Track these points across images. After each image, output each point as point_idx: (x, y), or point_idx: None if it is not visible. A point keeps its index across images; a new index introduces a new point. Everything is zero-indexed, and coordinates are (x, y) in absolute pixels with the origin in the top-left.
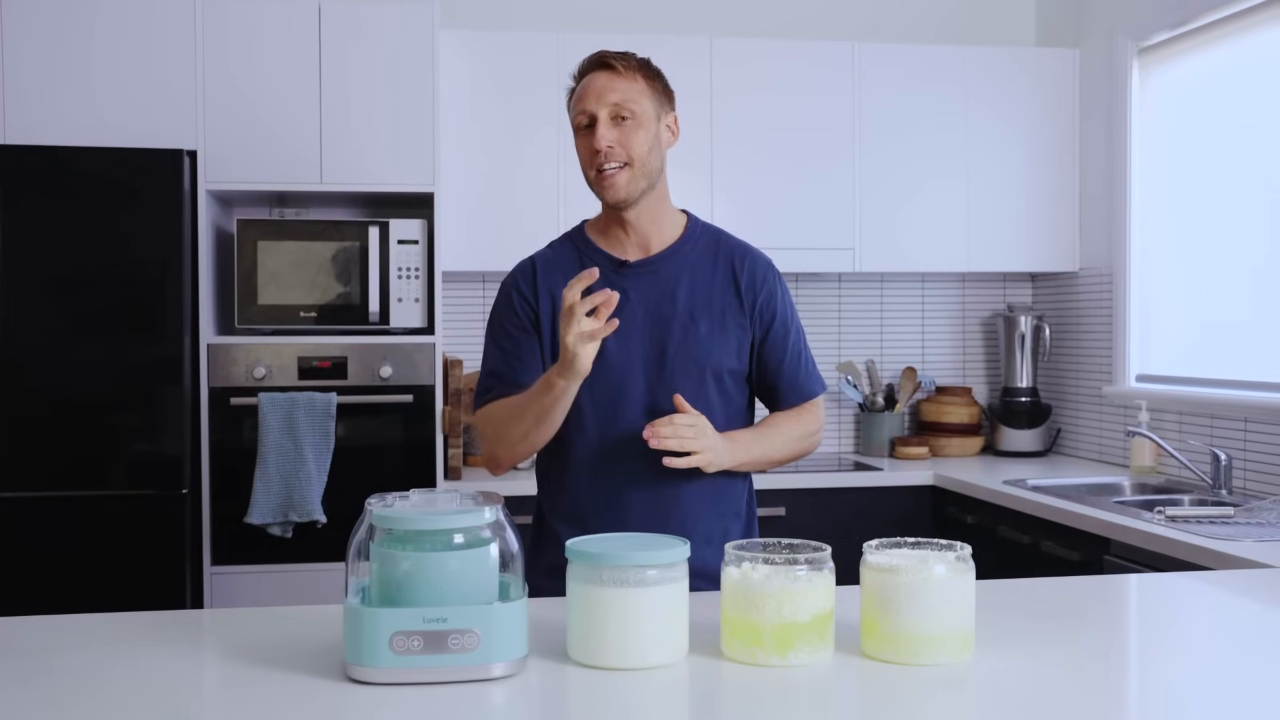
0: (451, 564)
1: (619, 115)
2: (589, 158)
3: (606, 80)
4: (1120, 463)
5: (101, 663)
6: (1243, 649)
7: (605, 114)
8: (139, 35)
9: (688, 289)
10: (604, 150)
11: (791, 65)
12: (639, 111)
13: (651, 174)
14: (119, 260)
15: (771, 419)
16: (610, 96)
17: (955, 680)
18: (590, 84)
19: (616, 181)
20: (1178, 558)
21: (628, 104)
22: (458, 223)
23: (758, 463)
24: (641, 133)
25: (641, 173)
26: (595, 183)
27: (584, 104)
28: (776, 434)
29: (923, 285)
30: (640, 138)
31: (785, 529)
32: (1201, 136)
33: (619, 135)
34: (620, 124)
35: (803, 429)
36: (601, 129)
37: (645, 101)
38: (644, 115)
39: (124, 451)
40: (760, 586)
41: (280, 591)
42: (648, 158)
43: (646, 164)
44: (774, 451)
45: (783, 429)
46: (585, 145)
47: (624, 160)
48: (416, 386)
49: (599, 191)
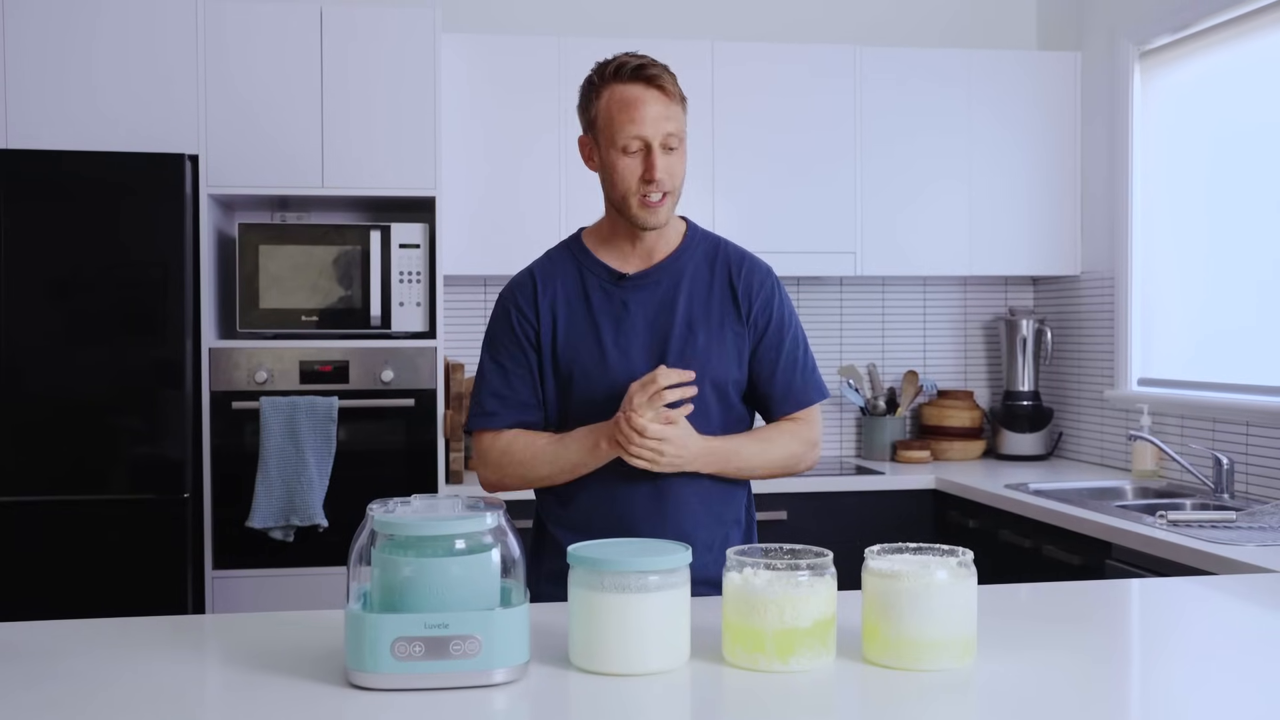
0: (453, 570)
1: (669, 145)
2: (635, 181)
3: (661, 107)
4: (1122, 467)
5: (103, 667)
6: (1244, 654)
7: (659, 143)
8: (140, 39)
9: (686, 299)
10: (658, 180)
11: (793, 69)
12: (682, 138)
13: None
14: (120, 264)
15: (764, 428)
16: (666, 126)
17: (957, 685)
18: (645, 109)
19: (661, 211)
20: (1179, 562)
21: (677, 132)
22: (459, 227)
23: (740, 472)
24: (681, 162)
25: (677, 198)
26: (637, 205)
27: (639, 129)
28: (765, 443)
29: (924, 289)
30: (682, 165)
31: (787, 533)
32: (1203, 140)
33: (667, 163)
34: (670, 153)
35: (795, 440)
36: (659, 159)
37: (684, 128)
38: (683, 142)
39: (125, 455)
40: (762, 592)
41: (281, 596)
42: (682, 185)
43: (680, 190)
44: (758, 459)
45: (772, 438)
46: (632, 168)
47: (670, 189)
48: (418, 391)
49: (638, 215)
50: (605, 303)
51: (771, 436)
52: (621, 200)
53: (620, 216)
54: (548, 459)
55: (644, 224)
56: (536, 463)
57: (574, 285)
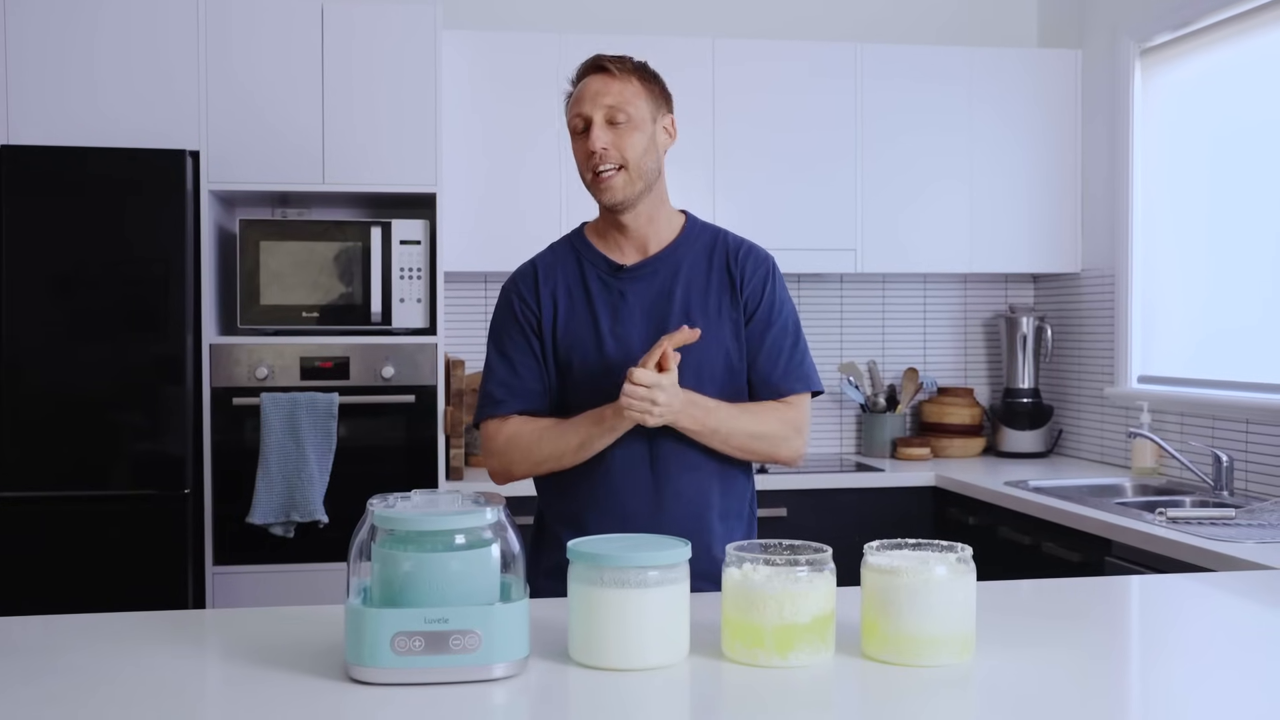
0: (453, 565)
1: (613, 118)
2: (584, 160)
3: (601, 84)
4: (1122, 464)
5: (104, 662)
6: (1244, 651)
7: (600, 116)
8: (142, 35)
9: (684, 289)
10: (598, 152)
11: (793, 66)
12: (634, 114)
13: (648, 176)
14: (122, 260)
15: (750, 403)
16: (605, 99)
17: (956, 681)
18: (585, 87)
19: (613, 184)
20: (1179, 559)
21: (623, 106)
22: (460, 223)
23: (718, 434)
24: (636, 135)
25: (637, 175)
26: (592, 185)
27: (579, 107)
28: (746, 412)
29: (925, 286)
30: (635, 140)
31: (786, 530)
32: (1203, 138)
33: (614, 138)
34: (615, 127)
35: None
36: (596, 131)
37: (640, 104)
38: (639, 118)
39: (126, 451)
40: (761, 588)
41: (282, 591)
42: (643, 160)
43: (642, 166)
44: (736, 424)
45: (754, 411)
46: (581, 148)
47: (619, 163)
48: (418, 387)
49: (596, 194)
50: (604, 293)
51: (754, 409)
52: (586, 186)
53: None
54: (552, 437)
55: (602, 202)
56: (542, 443)
57: (574, 276)
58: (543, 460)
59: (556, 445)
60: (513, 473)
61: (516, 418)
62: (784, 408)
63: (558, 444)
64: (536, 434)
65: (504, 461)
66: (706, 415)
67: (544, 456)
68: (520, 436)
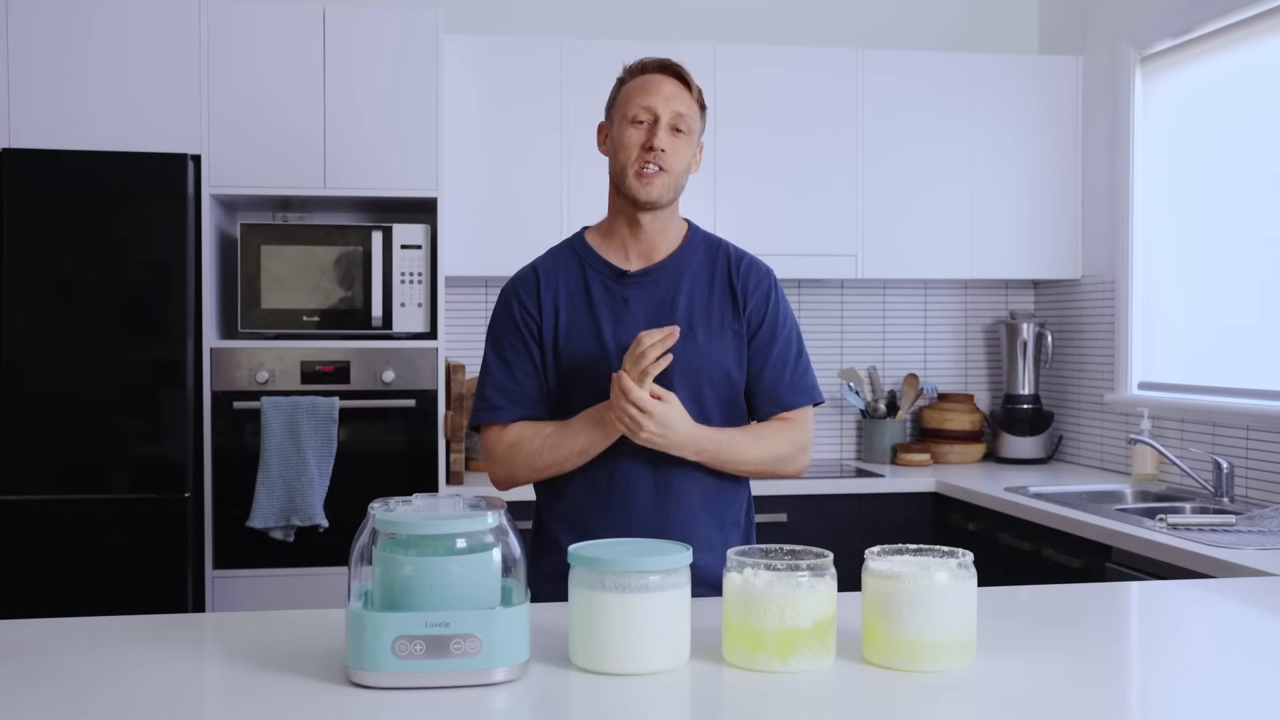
0: (454, 569)
1: (678, 125)
2: (636, 150)
3: (675, 90)
4: (1122, 470)
5: (104, 666)
6: (1244, 657)
7: (668, 119)
8: (143, 40)
9: (687, 297)
10: (659, 151)
11: (795, 72)
12: (691, 130)
13: (679, 189)
14: (122, 264)
15: (756, 425)
16: (676, 105)
17: (956, 687)
18: (659, 87)
19: (655, 182)
20: (1179, 565)
21: (688, 118)
22: (461, 228)
23: (728, 464)
24: (687, 149)
25: (673, 184)
26: (634, 177)
27: (649, 100)
28: (755, 439)
29: (925, 292)
30: (685, 153)
31: (787, 535)
32: (1204, 145)
33: (672, 143)
34: (677, 134)
35: (784, 441)
36: (662, 132)
37: (696, 122)
38: (693, 134)
39: (126, 455)
40: (762, 592)
41: (282, 595)
42: (682, 175)
43: (680, 179)
44: (747, 454)
45: (762, 435)
46: (635, 137)
47: (667, 168)
48: (419, 391)
49: (634, 187)
50: (606, 298)
51: (762, 433)
52: (620, 172)
53: (619, 197)
54: (554, 443)
55: (637, 196)
56: (544, 449)
57: (576, 281)
58: (546, 466)
59: (559, 451)
60: (516, 479)
61: (517, 424)
62: (789, 427)
63: (560, 450)
64: (538, 441)
65: (507, 468)
66: (716, 453)
67: (547, 463)
68: (523, 443)
